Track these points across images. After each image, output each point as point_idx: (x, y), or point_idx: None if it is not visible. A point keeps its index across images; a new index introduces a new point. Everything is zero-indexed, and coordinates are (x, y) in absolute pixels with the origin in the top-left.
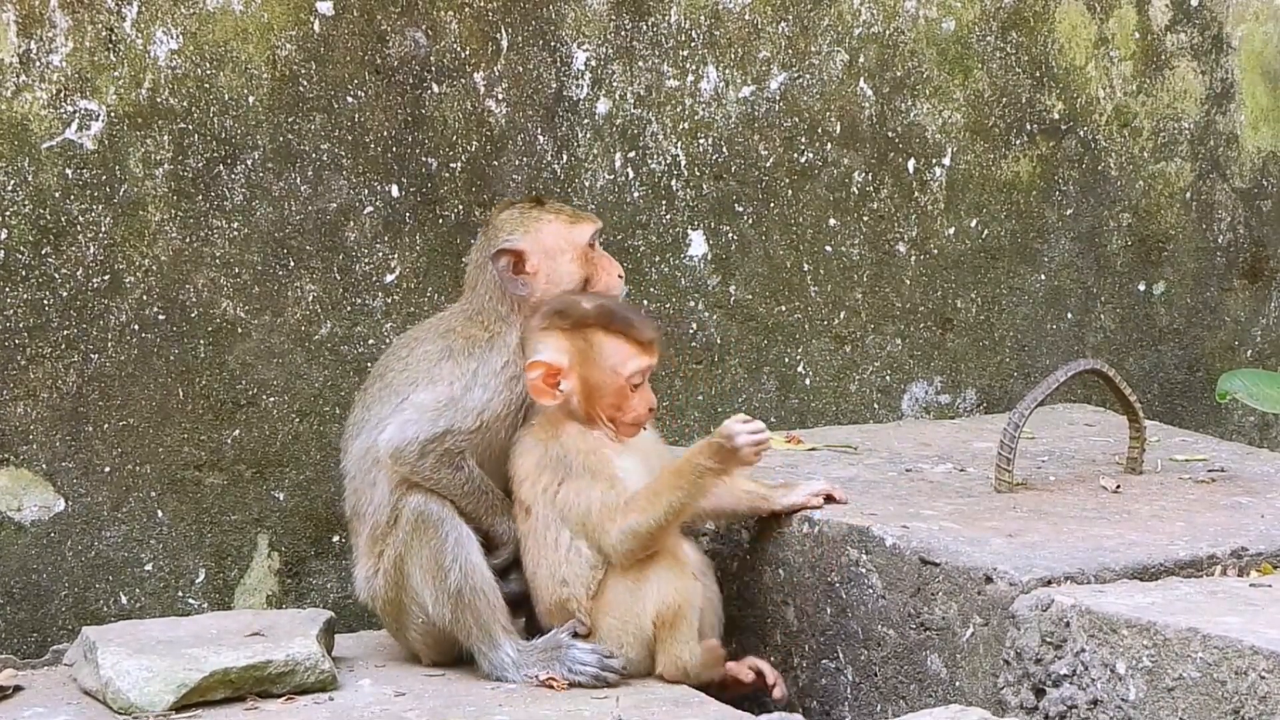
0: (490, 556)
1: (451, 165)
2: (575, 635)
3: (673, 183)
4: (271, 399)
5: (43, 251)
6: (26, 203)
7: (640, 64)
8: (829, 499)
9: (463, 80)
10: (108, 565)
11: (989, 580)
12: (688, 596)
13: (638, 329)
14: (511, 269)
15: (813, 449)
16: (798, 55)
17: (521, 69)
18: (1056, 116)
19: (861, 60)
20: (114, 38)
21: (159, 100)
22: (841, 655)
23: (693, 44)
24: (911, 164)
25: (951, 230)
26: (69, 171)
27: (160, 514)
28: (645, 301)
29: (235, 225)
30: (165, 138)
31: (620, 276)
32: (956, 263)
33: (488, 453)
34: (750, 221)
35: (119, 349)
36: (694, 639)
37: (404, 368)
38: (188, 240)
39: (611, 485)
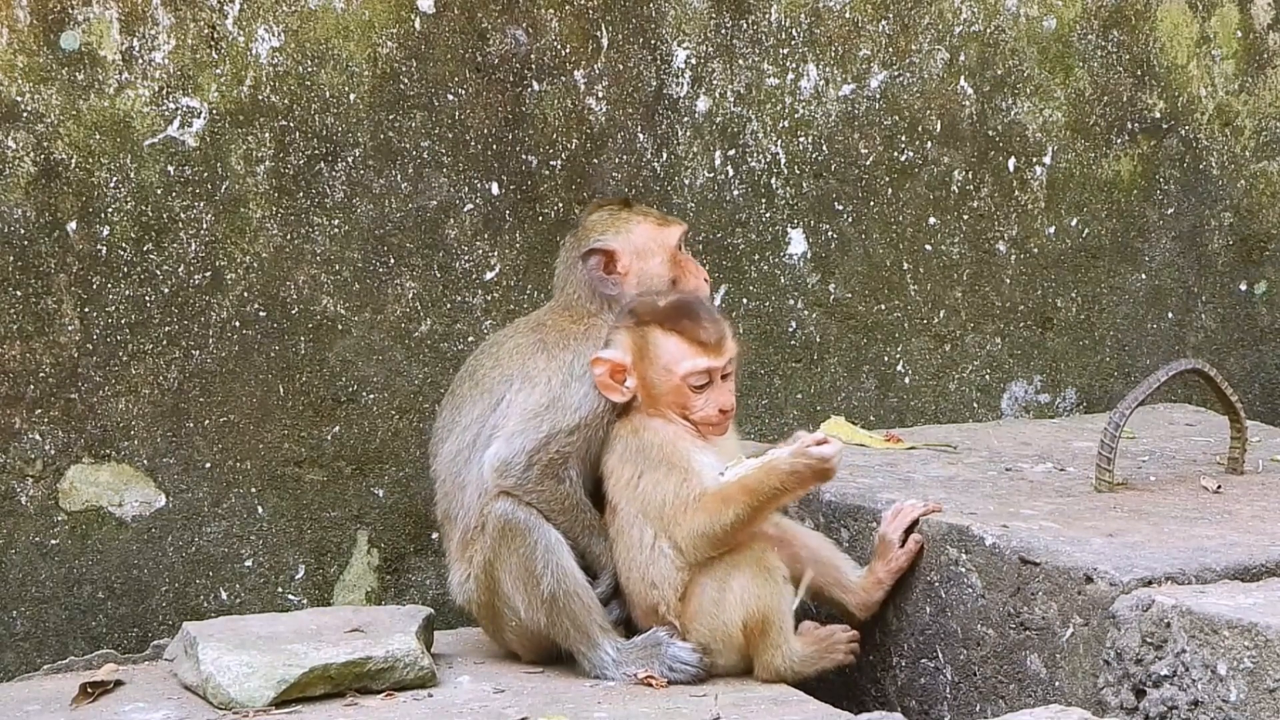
0: (591, 585)
1: (551, 163)
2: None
3: (772, 181)
4: (371, 396)
5: (144, 248)
6: (129, 199)
7: (740, 62)
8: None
9: (563, 78)
10: (208, 561)
11: (1089, 580)
12: (774, 603)
13: (699, 328)
14: (602, 269)
15: (911, 448)
16: (898, 54)
17: (622, 67)
18: (1158, 115)
19: (962, 59)
20: (216, 35)
21: (260, 98)
22: (941, 654)
23: (793, 42)
24: (1012, 163)
25: (1052, 229)
26: (171, 169)
27: (260, 510)
28: (744, 300)
29: (336, 222)
30: (266, 135)
31: (706, 280)
32: (1057, 262)
33: (586, 458)
34: (850, 220)
35: (220, 345)
36: (786, 642)
37: (495, 364)
38: (289, 237)
39: (685, 478)
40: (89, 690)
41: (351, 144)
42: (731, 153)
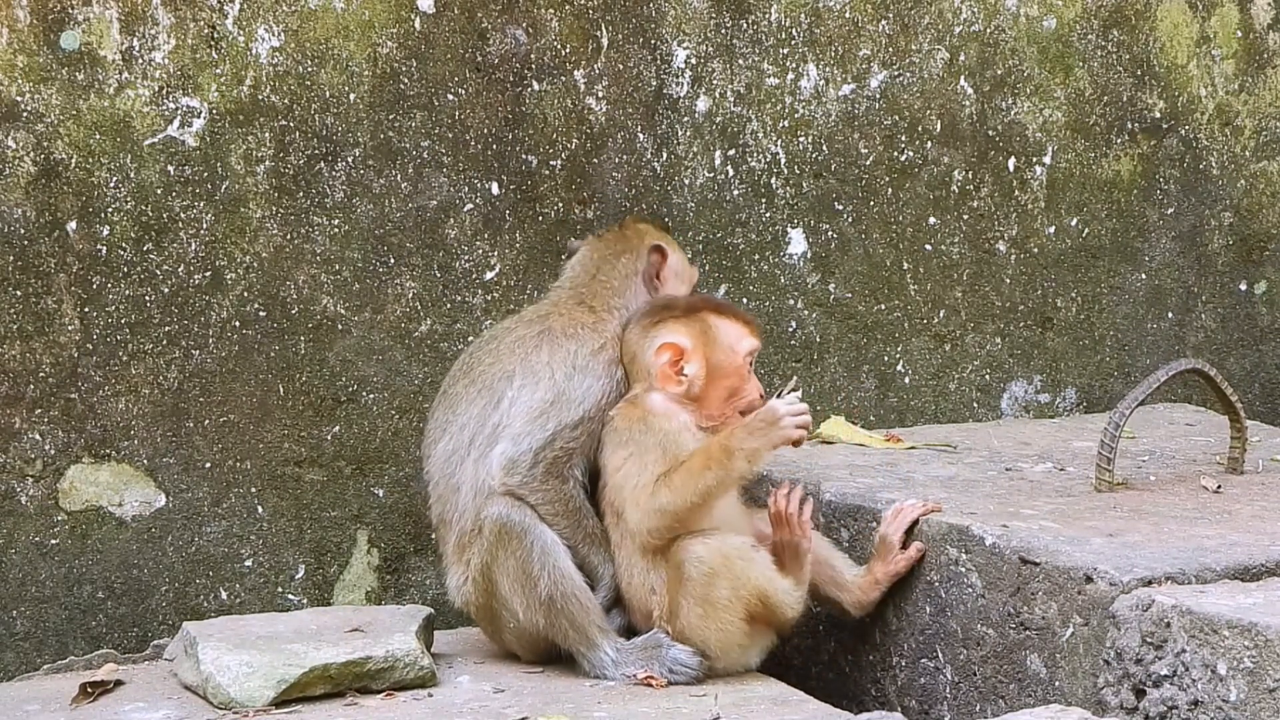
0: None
1: (551, 163)
2: None
3: (772, 181)
4: (371, 395)
5: (144, 248)
6: (129, 199)
7: (740, 62)
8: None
9: (563, 78)
10: (208, 560)
11: (1089, 580)
12: (761, 576)
13: (740, 312)
14: (656, 271)
15: (911, 448)
16: (898, 53)
17: (622, 67)
18: (1158, 115)
19: (962, 58)
20: (216, 35)
21: (260, 97)
22: (940, 654)
23: (793, 42)
24: (1012, 163)
25: (1052, 229)
26: (171, 168)
27: (260, 510)
28: (745, 300)
29: (336, 222)
30: (266, 135)
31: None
32: (1057, 261)
33: (589, 455)
34: (850, 220)
35: (220, 345)
36: (786, 593)
37: (494, 359)
38: (288, 237)
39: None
40: (89, 690)
41: (351, 144)
42: (731, 153)
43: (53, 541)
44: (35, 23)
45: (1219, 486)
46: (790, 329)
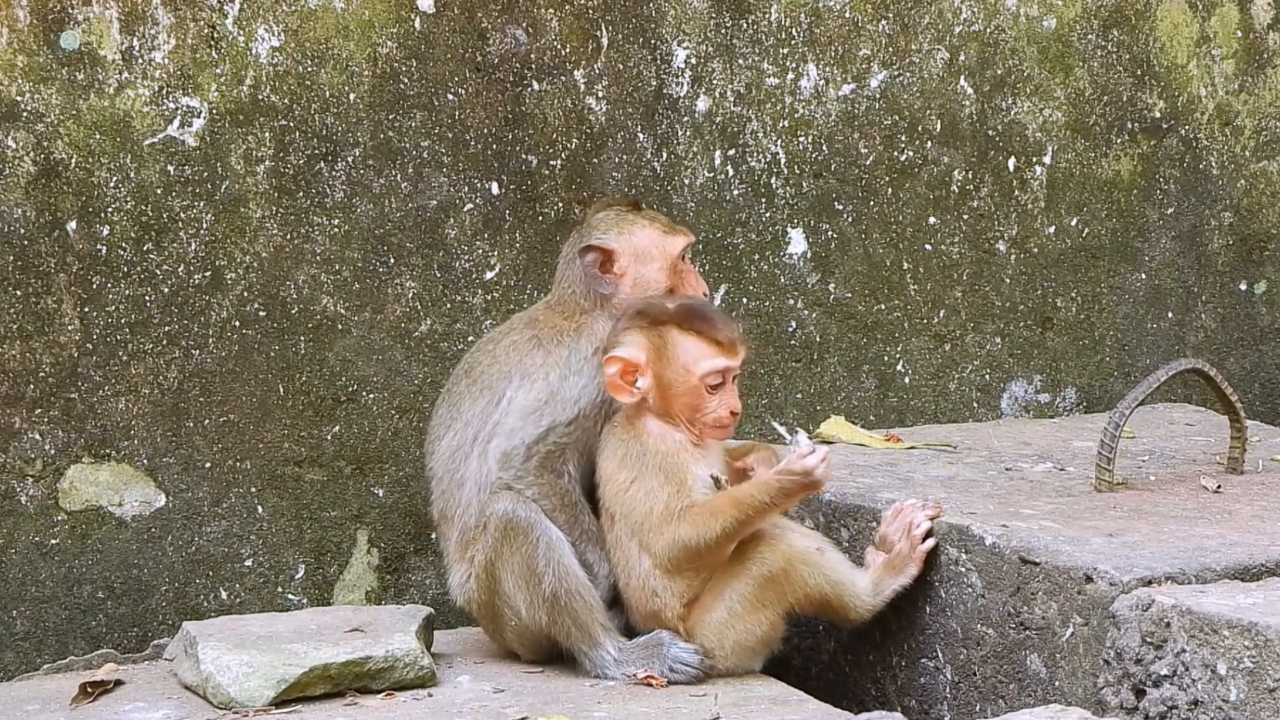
0: None
1: (551, 163)
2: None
3: (772, 181)
4: (371, 395)
5: (144, 248)
6: (129, 199)
7: (740, 62)
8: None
9: (563, 78)
10: (208, 560)
11: (1089, 580)
12: (822, 581)
13: (716, 329)
14: (598, 266)
15: (911, 448)
16: (898, 53)
17: (622, 66)
18: (1158, 115)
19: (962, 58)
20: (216, 35)
21: (260, 97)
22: (940, 654)
23: (793, 42)
24: (1012, 162)
25: (1052, 229)
26: (171, 168)
27: (260, 510)
28: (744, 300)
29: (336, 222)
30: (266, 135)
31: (705, 294)
32: (1057, 261)
33: (583, 453)
34: (850, 220)
35: (220, 345)
36: (856, 597)
37: (492, 360)
38: (288, 237)
39: (679, 490)
40: (89, 690)
41: (351, 144)
42: (731, 153)
43: (53, 541)
44: (35, 23)
45: (1219, 486)
46: (790, 329)
